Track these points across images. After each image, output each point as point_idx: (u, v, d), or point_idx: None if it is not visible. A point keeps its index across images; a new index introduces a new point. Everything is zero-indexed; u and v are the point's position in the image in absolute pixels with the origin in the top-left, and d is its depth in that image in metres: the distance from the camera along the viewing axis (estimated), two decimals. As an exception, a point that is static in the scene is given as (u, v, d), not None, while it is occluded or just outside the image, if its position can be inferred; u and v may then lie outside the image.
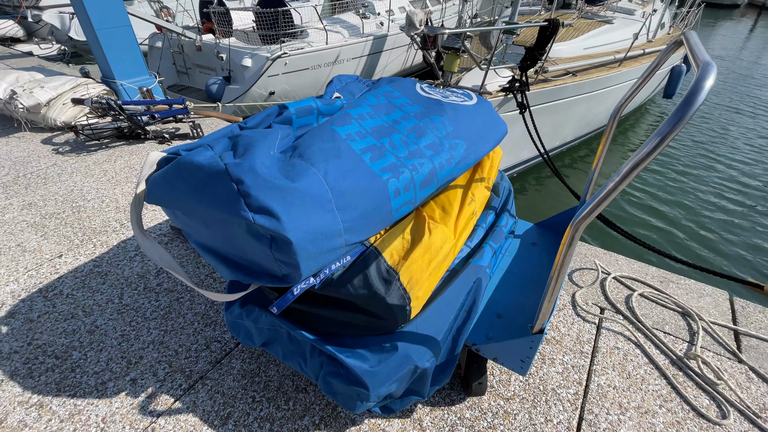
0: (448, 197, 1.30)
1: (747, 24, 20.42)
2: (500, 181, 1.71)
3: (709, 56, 0.70)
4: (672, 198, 4.79)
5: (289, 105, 1.29)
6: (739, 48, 13.49)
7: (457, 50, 3.28)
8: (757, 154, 6.06)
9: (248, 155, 0.88)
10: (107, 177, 2.54)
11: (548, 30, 3.36)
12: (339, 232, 0.93)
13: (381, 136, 1.20)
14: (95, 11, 3.14)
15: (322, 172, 0.92)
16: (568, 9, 6.74)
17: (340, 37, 6.31)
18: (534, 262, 1.43)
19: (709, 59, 0.67)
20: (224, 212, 0.84)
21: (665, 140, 0.64)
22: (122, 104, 2.77)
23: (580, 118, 5.39)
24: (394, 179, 1.07)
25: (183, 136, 3.07)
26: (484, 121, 1.51)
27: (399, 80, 1.65)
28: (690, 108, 0.62)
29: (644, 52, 5.87)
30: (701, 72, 0.64)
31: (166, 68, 6.49)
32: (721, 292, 1.79)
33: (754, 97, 8.38)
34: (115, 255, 1.89)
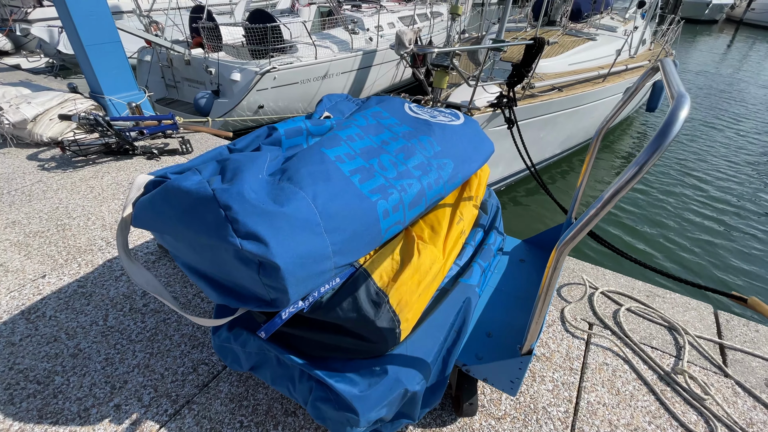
0: (437, 216, 1.31)
1: (725, 39, 21.17)
2: (488, 198, 1.73)
3: (683, 87, 0.72)
4: (653, 213, 4.88)
5: (278, 126, 1.30)
6: (717, 63, 13.96)
7: (446, 67, 3.34)
8: (734, 168, 6.21)
9: (236, 180, 0.88)
10: (94, 194, 2.51)
11: (534, 48, 3.45)
12: (328, 255, 0.93)
13: (370, 157, 1.21)
14: (84, 28, 3.14)
15: (310, 196, 0.93)
16: (553, 26, 6.93)
17: (330, 52, 6.39)
18: (523, 279, 1.44)
19: (684, 91, 0.70)
20: (212, 238, 0.84)
21: (643, 169, 0.66)
22: (110, 120, 2.75)
23: (567, 132, 5.50)
24: (383, 200, 1.08)
25: (172, 152, 3.06)
26: (471, 140, 1.53)
27: (388, 100, 1.68)
28: (666, 139, 0.65)
29: (627, 67, 6.04)
30: (676, 103, 0.66)
31: (155, 82, 6.49)
32: (705, 306, 1.82)
33: (732, 112, 8.63)
34: (100, 275, 1.85)
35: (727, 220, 4.79)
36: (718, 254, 4.20)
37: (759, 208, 5.07)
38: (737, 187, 5.57)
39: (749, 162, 6.39)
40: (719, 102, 9.32)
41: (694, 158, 6.44)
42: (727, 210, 4.93)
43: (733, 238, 4.45)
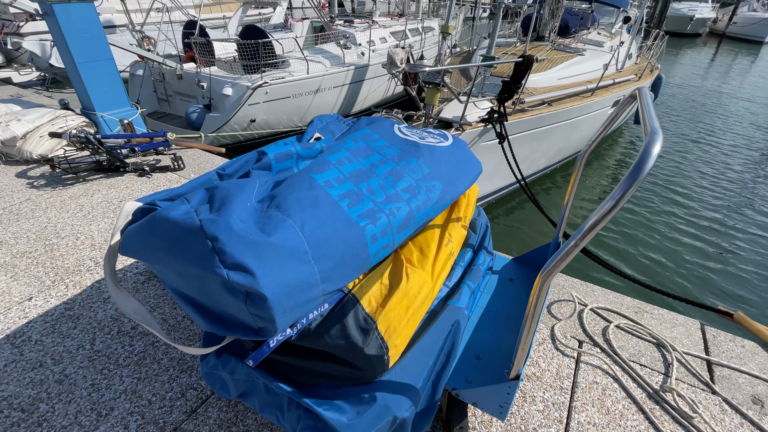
0: (426, 238, 1.33)
1: (709, 52, 21.75)
2: (477, 217, 1.75)
3: (657, 122, 0.75)
4: (638, 229, 4.93)
5: (268, 150, 1.31)
6: (701, 76, 14.30)
7: (437, 84, 3.41)
8: (718, 183, 6.32)
9: (224, 210, 0.89)
10: (83, 212, 2.49)
11: (523, 65, 3.53)
12: (316, 282, 0.93)
13: (359, 181, 1.22)
14: (77, 46, 3.15)
15: (298, 223, 0.93)
16: (542, 41, 7.08)
17: (322, 67, 6.46)
18: (512, 298, 1.46)
19: (657, 126, 0.72)
20: (199, 268, 0.84)
21: (619, 204, 0.68)
22: (101, 138, 2.75)
23: (557, 145, 5.59)
24: (372, 225, 1.09)
25: (164, 169, 3.05)
26: (459, 161, 1.56)
27: (378, 122, 1.70)
28: (640, 174, 0.67)
29: (614, 81, 6.17)
30: (649, 140, 0.69)
31: (147, 96, 6.50)
32: (692, 322, 1.84)
33: (715, 126, 8.79)
34: (88, 296, 1.83)
35: (711, 236, 4.85)
36: (703, 269, 4.25)
37: (743, 222, 5.15)
38: (720, 202, 5.65)
39: (732, 176, 6.50)
40: (703, 115, 9.51)
41: (677, 173, 6.52)
42: (711, 225, 5.00)
43: (718, 252, 4.51)
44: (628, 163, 7.19)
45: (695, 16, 25.78)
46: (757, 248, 4.63)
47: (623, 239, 4.71)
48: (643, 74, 7.05)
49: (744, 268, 4.27)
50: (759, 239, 4.78)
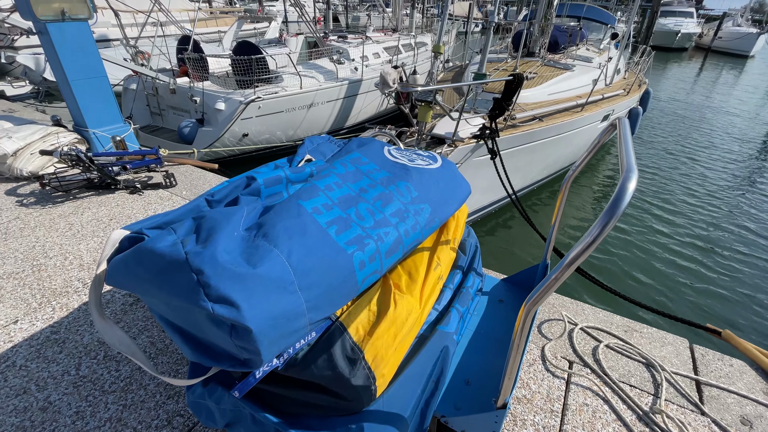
0: (415, 262, 1.33)
1: (695, 66, 22.28)
2: (467, 237, 1.76)
3: (633, 158, 0.77)
4: (628, 246, 4.97)
5: (257, 175, 1.32)
6: (688, 91, 14.62)
7: (429, 102, 3.46)
8: (703, 199, 6.37)
9: (210, 241, 0.89)
10: (72, 231, 2.47)
11: (514, 83, 3.60)
12: (302, 312, 0.93)
13: (348, 207, 1.23)
14: (70, 63, 3.16)
15: (285, 253, 0.94)
16: (533, 57, 7.22)
17: (315, 82, 6.53)
18: (501, 321, 1.46)
19: (633, 163, 0.74)
20: (184, 301, 0.84)
21: (597, 239, 0.70)
22: (93, 156, 2.74)
23: (549, 159, 5.66)
24: (360, 251, 1.10)
25: (155, 186, 3.05)
26: (448, 183, 1.57)
27: (368, 145, 1.71)
28: (617, 210, 0.69)
29: (603, 96, 6.29)
30: (625, 177, 0.71)
31: (140, 109, 6.52)
32: (681, 340, 1.86)
33: (701, 141, 8.92)
34: (74, 319, 1.81)
35: (697, 252, 4.89)
36: (690, 286, 4.28)
37: (728, 239, 5.20)
38: (705, 218, 5.70)
39: (716, 192, 6.55)
40: (689, 130, 9.67)
41: (664, 189, 6.56)
42: (696, 243, 5.03)
43: (704, 269, 4.55)
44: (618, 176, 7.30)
45: (681, 31, 26.48)
46: (743, 266, 4.68)
47: (611, 256, 4.74)
48: (632, 89, 7.20)
49: (731, 286, 4.31)
50: (745, 257, 4.83)
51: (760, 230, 5.41)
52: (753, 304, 4.03)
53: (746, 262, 4.69)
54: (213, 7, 16.52)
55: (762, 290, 4.22)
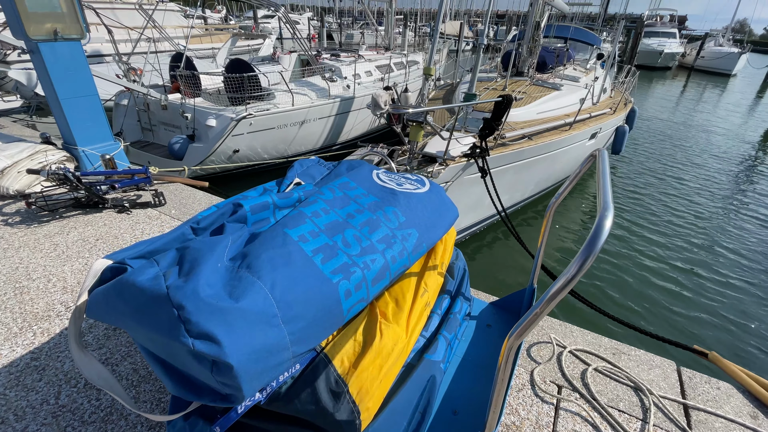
0: (402, 288, 1.33)
1: (679, 84, 22.93)
2: (455, 260, 1.77)
3: (610, 195, 0.79)
4: (613, 267, 5.00)
5: (244, 202, 1.32)
6: (672, 109, 15.01)
7: (420, 122, 3.52)
8: (688, 220, 6.44)
9: (193, 274, 0.89)
10: (57, 252, 2.43)
11: (503, 104, 3.67)
12: (286, 345, 0.93)
13: (334, 234, 1.23)
14: (61, 83, 3.16)
15: (269, 285, 0.93)
16: (521, 76, 7.38)
17: (307, 99, 6.59)
18: (489, 347, 1.46)
19: (609, 202, 0.76)
20: (164, 336, 0.83)
21: (576, 277, 0.71)
22: (81, 175, 2.72)
23: (538, 177, 5.74)
24: (346, 280, 1.09)
25: (144, 205, 3.02)
26: (436, 207, 1.59)
27: (357, 168, 1.73)
28: (594, 248, 0.70)
29: (591, 115, 6.43)
30: (601, 215, 0.72)
31: (131, 125, 6.51)
32: (669, 363, 1.86)
33: (685, 161, 9.07)
34: (56, 345, 1.77)
35: (682, 273, 4.93)
36: (677, 306, 4.31)
37: (711, 260, 5.24)
38: (689, 238, 5.74)
39: (701, 213, 6.59)
40: (673, 149, 9.84)
41: (646, 210, 6.59)
42: (680, 264, 5.08)
43: (690, 290, 4.58)
44: (613, 184, 7.39)
45: (665, 50, 27.33)
46: (728, 288, 4.74)
47: (596, 278, 4.76)
48: (618, 107, 7.37)
49: (716, 307, 4.35)
50: (729, 278, 4.89)
51: (743, 250, 5.50)
52: (737, 326, 4.07)
53: (731, 285, 4.75)
54: (208, 24, 16.71)
55: (746, 311, 4.27)
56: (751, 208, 6.81)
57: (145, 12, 6.88)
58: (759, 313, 4.26)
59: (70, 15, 3.09)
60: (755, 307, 4.35)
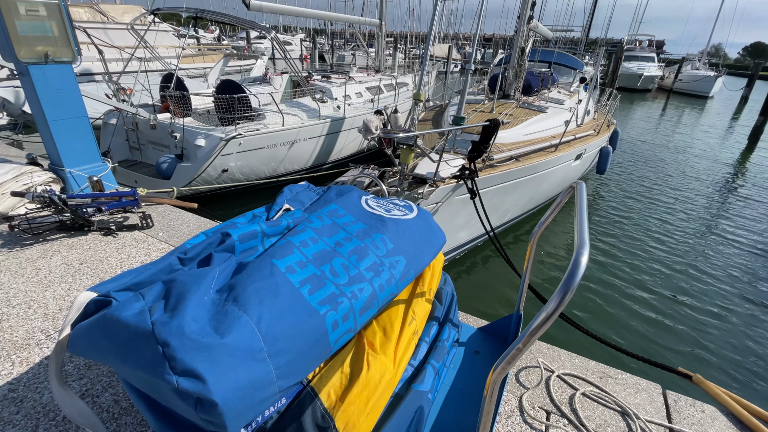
0: (390, 316, 1.34)
1: (659, 106, 23.75)
2: (443, 285, 1.78)
3: (586, 232, 0.82)
4: (597, 290, 5.04)
5: (232, 231, 1.32)
6: (652, 130, 15.49)
7: (411, 145, 3.59)
8: (670, 242, 6.49)
9: (179, 309, 0.89)
10: (39, 277, 2.38)
11: (491, 128, 3.77)
12: (271, 380, 0.92)
13: (322, 263, 1.24)
14: (50, 105, 3.16)
15: (255, 319, 0.94)
16: (508, 99, 7.59)
17: (298, 120, 6.66)
18: (477, 375, 1.46)
19: (585, 238, 0.79)
20: (148, 374, 0.83)
21: (556, 312, 0.73)
22: (67, 198, 2.69)
23: (526, 197, 5.84)
24: (333, 311, 1.10)
25: (131, 227, 2.99)
26: (424, 234, 1.61)
27: (346, 195, 1.74)
28: (572, 283, 0.73)
29: (575, 137, 6.61)
30: (578, 252, 0.75)
31: (119, 144, 6.48)
32: (654, 386, 1.88)
33: (666, 182, 9.22)
34: (35, 375, 1.72)
35: (665, 295, 4.99)
36: (661, 327, 4.35)
37: (692, 281, 5.30)
38: (669, 261, 5.76)
39: (680, 236, 6.64)
40: (654, 171, 10.03)
41: (630, 233, 6.61)
42: (663, 286, 5.13)
43: (672, 312, 4.62)
44: (597, 205, 7.52)
45: (644, 74, 28.39)
46: (711, 311, 4.81)
47: (583, 298, 4.80)
48: (601, 129, 7.60)
49: (701, 328, 4.41)
50: (709, 299, 4.96)
51: (721, 273, 5.60)
52: (718, 347, 4.13)
53: (710, 311, 4.83)
54: (201, 44, 16.89)
55: (729, 333, 4.34)
56: (728, 231, 6.95)
57: (137, 33, 6.95)
58: (740, 334, 4.33)
59: (62, 38, 3.11)
60: (737, 328, 4.42)
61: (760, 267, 5.80)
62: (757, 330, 4.41)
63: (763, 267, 5.82)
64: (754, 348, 4.12)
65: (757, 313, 4.71)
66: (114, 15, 11.30)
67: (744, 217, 7.54)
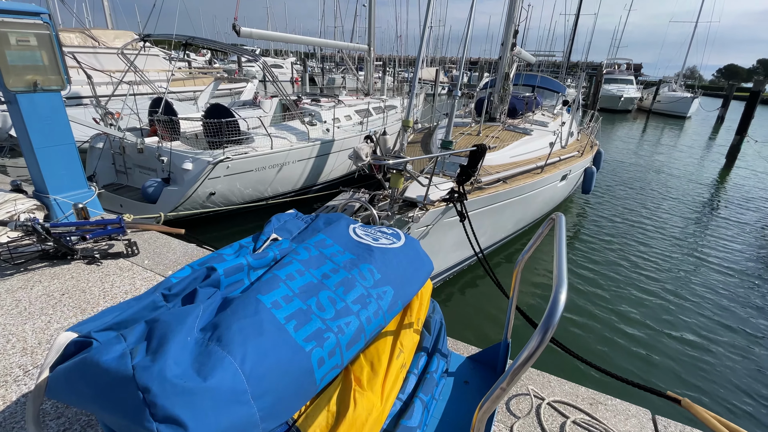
0: (377, 349, 1.33)
1: (639, 126, 24.51)
2: (432, 314, 1.78)
3: (565, 271, 0.84)
4: (584, 311, 5.05)
5: (217, 266, 1.32)
6: (634, 150, 15.93)
7: (400, 170, 3.65)
8: (654, 265, 6.53)
9: (161, 352, 0.88)
10: (19, 309, 2.32)
11: (477, 152, 3.86)
12: (255, 423, 0.91)
13: (309, 297, 1.24)
14: (37, 133, 3.14)
15: (239, 359, 0.93)
16: (494, 122, 7.78)
17: (287, 142, 6.72)
18: (467, 405, 1.45)
19: (563, 278, 0.81)
20: (128, 420, 0.81)
21: (537, 352, 0.74)
22: (50, 227, 2.65)
23: (514, 218, 5.93)
24: (319, 348, 1.09)
25: (116, 255, 2.95)
26: (412, 262, 1.62)
27: (334, 224, 1.75)
28: (552, 321, 0.74)
29: (560, 158, 6.77)
30: (556, 291, 0.77)
31: (105, 167, 6.44)
32: (644, 412, 1.88)
33: (648, 203, 9.29)
34: (11, 414, 1.65)
35: (651, 319, 5.00)
36: (648, 350, 4.36)
37: (680, 306, 5.35)
38: (653, 285, 5.74)
39: (662, 259, 6.65)
40: (636, 191, 10.18)
41: (610, 256, 6.55)
42: (647, 314, 5.18)
43: (662, 336, 4.65)
44: (583, 225, 7.61)
45: (623, 95, 29.45)
46: (697, 333, 4.85)
47: (570, 323, 4.80)
48: (585, 150, 7.80)
49: (689, 352, 4.44)
50: (697, 323, 5.00)
51: (702, 296, 5.67)
52: (707, 371, 4.15)
53: (695, 333, 4.87)
54: (192, 67, 17.06)
55: (715, 356, 4.37)
56: (709, 251, 7.02)
57: (126, 58, 7.00)
58: (727, 358, 4.37)
59: (52, 67, 3.13)
60: (723, 351, 4.45)
61: (740, 287, 5.90)
62: (743, 353, 4.46)
63: (744, 287, 5.93)
64: (740, 370, 4.15)
65: (738, 338, 4.78)
66: (105, 40, 11.39)
67: (723, 238, 7.66)
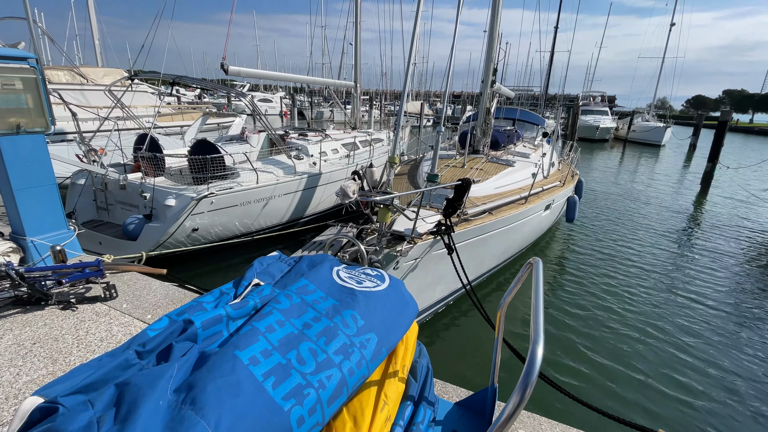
0: (360, 402, 1.29)
1: (617, 154, 25.43)
2: (418, 358, 1.75)
3: (541, 326, 0.84)
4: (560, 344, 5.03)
5: (194, 319, 1.28)
6: (613, 179, 16.43)
7: (387, 205, 3.70)
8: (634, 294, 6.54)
9: (130, 420, 0.84)
10: (-14, 361, 2.19)
11: (462, 187, 3.95)
12: (231, 492, 0.86)
13: (288, 350, 1.21)
14: (17, 174, 3.09)
15: (213, 424, 0.89)
16: (478, 154, 7.99)
17: (273, 177, 6.74)
18: (455, 457, 1.40)
19: (540, 333, 0.82)
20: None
21: (519, 407, 0.73)
22: (25, 272, 2.57)
23: (501, 248, 5.98)
24: (298, 406, 1.06)
25: (93, 299, 2.85)
26: (396, 305, 1.60)
27: (318, 267, 1.74)
28: (530, 378, 0.74)
29: (543, 188, 6.94)
30: (533, 348, 0.77)
31: (86, 204, 6.33)
32: (637, 454, 1.85)
33: (628, 233, 9.40)
34: (-35, 483, 1.53)
35: (634, 347, 5.04)
36: (633, 385, 4.33)
37: (662, 333, 5.37)
38: (634, 317, 5.71)
39: (649, 285, 6.72)
40: (616, 220, 10.35)
41: (590, 290, 6.47)
42: (634, 335, 5.19)
43: (643, 369, 4.60)
44: (571, 250, 7.69)
45: (600, 125, 30.80)
46: (675, 366, 4.85)
47: (559, 357, 4.76)
48: (566, 180, 8.02)
49: (665, 380, 4.42)
50: (672, 352, 5.01)
51: (680, 328, 5.70)
52: (682, 402, 4.13)
53: (674, 366, 4.88)
54: (181, 102, 17.27)
55: (690, 388, 4.35)
56: (687, 282, 7.04)
57: (114, 95, 7.05)
58: (706, 389, 4.35)
59: (36, 110, 3.13)
60: (704, 384, 4.43)
61: (718, 320, 5.98)
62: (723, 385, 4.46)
63: (723, 319, 6.01)
64: (719, 406, 4.13)
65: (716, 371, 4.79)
66: (94, 77, 11.51)
67: (701, 267, 7.64)
